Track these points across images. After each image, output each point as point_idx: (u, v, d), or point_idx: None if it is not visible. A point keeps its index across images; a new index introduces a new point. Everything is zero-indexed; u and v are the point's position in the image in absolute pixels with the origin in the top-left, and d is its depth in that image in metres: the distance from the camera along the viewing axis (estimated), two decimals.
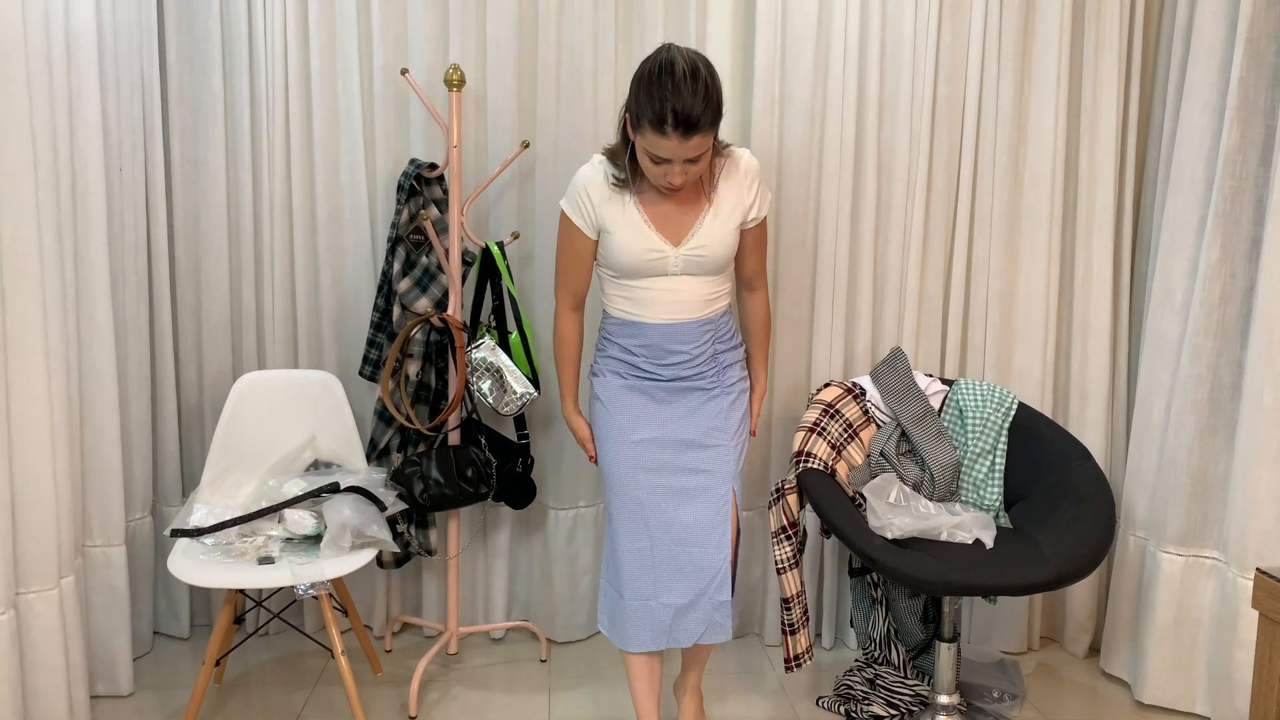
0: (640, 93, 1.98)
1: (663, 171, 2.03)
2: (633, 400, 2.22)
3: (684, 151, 1.98)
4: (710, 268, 2.16)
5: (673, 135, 1.95)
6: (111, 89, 2.54)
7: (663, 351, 2.19)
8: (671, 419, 2.21)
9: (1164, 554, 2.58)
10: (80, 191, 2.42)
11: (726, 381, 2.24)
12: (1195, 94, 2.53)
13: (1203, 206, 2.53)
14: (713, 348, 2.22)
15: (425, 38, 2.73)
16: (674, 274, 2.15)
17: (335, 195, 2.79)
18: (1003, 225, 2.81)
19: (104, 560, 2.54)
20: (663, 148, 1.98)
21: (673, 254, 2.13)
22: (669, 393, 2.22)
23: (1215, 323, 2.48)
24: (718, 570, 2.19)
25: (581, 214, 2.16)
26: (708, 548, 2.18)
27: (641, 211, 2.13)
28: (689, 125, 1.94)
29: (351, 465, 2.62)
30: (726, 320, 2.25)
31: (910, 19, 2.74)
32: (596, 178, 2.15)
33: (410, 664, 2.79)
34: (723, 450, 2.21)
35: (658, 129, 1.96)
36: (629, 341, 2.21)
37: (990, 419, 2.54)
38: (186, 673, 2.73)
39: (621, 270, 2.16)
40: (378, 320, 2.72)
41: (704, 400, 2.22)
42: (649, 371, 2.21)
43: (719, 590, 2.19)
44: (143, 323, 2.69)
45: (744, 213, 2.18)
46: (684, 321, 2.17)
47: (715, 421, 2.22)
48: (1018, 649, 2.92)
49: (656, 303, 2.16)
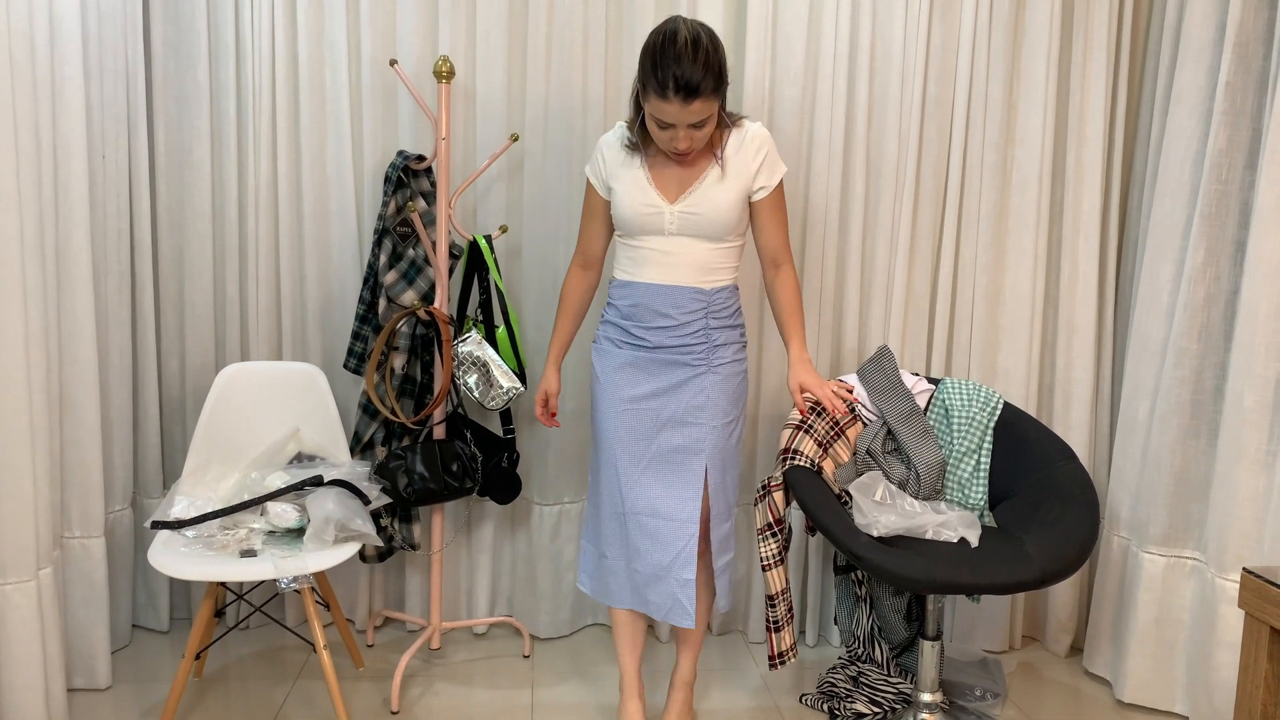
0: (646, 61, 2.09)
1: (669, 136, 2.11)
2: (622, 369, 2.27)
3: (686, 116, 2.06)
4: (706, 230, 2.19)
5: (674, 100, 2.04)
6: (95, 77, 2.51)
7: (651, 313, 2.22)
8: (656, 392, 2.24)
9: (1146, 554, 2.60)
10: (62, 180, 2.39)
11: (716, 361, 2.24)
12: (1183, 98, 2.54)
13: (1189, 209, 2.54)
14: (705, 321, 2.22)
15: (414, 29, 2.71)
16: (670, 233, 2.20)
17: (322, 186, 2.77)
18: (990, 225, 2.82)
19: (83, 552, 2.52)
20: (666, 113, 2.07)
21: (668, 210, 2.19)
22: (656, 364, 2.25)
23: (1199, 325, 2.50)
24: (683, 546, 2.21)
25: (596, 173, 2.30)
26: (675, 522, 2.22)
27: (647, 172, 2.22)
28: (690, 90, 2.03)
29: (335, 458, 2.60)
30: (726, 298, 2.26)
31: (900, 20, 2.74)
32: (614, 140, 2.28)
33: (393, 659, 2.77)
34: (702, 429, 2.23)
35: (661, 95, 2.05)
36: (623, 303, 2.27)
37: (976, 418, 2.55)
38: (166, 666, 2.71)
39: (623, 226, 2.25)
40: (363, 313, 2.71)
41: (690, 376, 2.24)
42: (637, 337, 2.25)
43: (683, 567, 2.21)
44: (124, 313, 2.67)
45: (749, 180, 2.21)
46: (676, 285, 2.21)
47: (698, 400, 2.23)
48: (1000, 648, 2.93)
49: (652, 263, 2.22)
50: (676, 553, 2.22)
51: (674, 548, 2.22)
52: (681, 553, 2.22)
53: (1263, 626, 1.41)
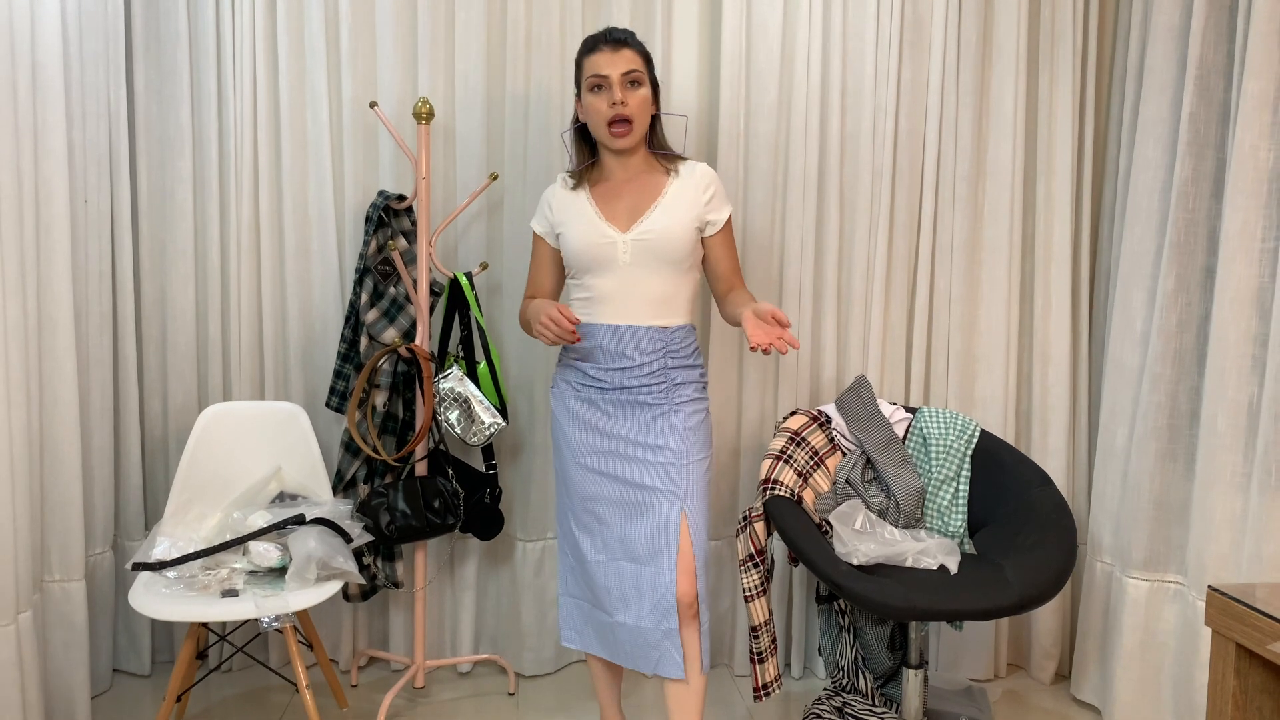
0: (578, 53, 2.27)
1: (605, 100, 2.17)
2: (581, 411, 2.25)
3: (617, 63, 2.17)
4: (662, 254, 2.19)
5: (604, 49, 2.19)
6: (78, 120, 2.53)
7: (610, 354, 2.21)
8: (617, 433, 2.21)
9: (1129, 579, 2.61)
10: (44, 222, 2.41)
11: (676, 399, 2.21)
12: (1149, 129, 2.60)
13: (1158, 238, 2.59)
14: (663, 361, 2.21)
15: (394, 71, 2.75)
16: (625, 263, 2.19)
17: (303, 227, 2.79)
18: (963, 257, 2.86)
19: (63, 596, 2.50)
20: (598, 65, 2.18)
21: (620, 240, 2.20)
22: (615, 405, 2.22)
23: (1173, 351, 2.53)
24: (663, 593, 2.13)
25: (542, 222, 2.34)
26: (652, 568, 2.14)
27: (593, 205, 2.25)
28: (617, 40, 2.19)
29: (317, 497, 2.60)
30: (684, 337, 2.25)
31: (871, 56, 2.80)
32: (555, 187, 2.34)
33: (376, 698, 2.75)
34: (670, 469, 2.17)
35: (590, 51, 2.21)
36: (580, 345, 2.25)
37: (953, 446, 2.57)
38: (147, 711, 2.68)
39: (576, 264, 2.25)
40: (345, 351, 2.72)
41: (652, 416, 2.20)
42: (596, 379, 2.23)
43: (665, 616, 2.13)
44: (105, 354, 2.67)
45: (700, 209, 2.23)
46: (633, 326, 2.20)
47: (663, 440, 2.18)
48: (985, 676, 2.93)
49: (607, 303, 2.21)
50: (655, 601, 2.13)
51: (653, 596, 2.14)
52: (660, 601, 2.13)
53: (1229, 643, 1.42)
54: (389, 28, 2.73)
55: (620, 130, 2.19)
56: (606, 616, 2.23)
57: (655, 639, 2.15)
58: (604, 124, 2.19)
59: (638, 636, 2.17)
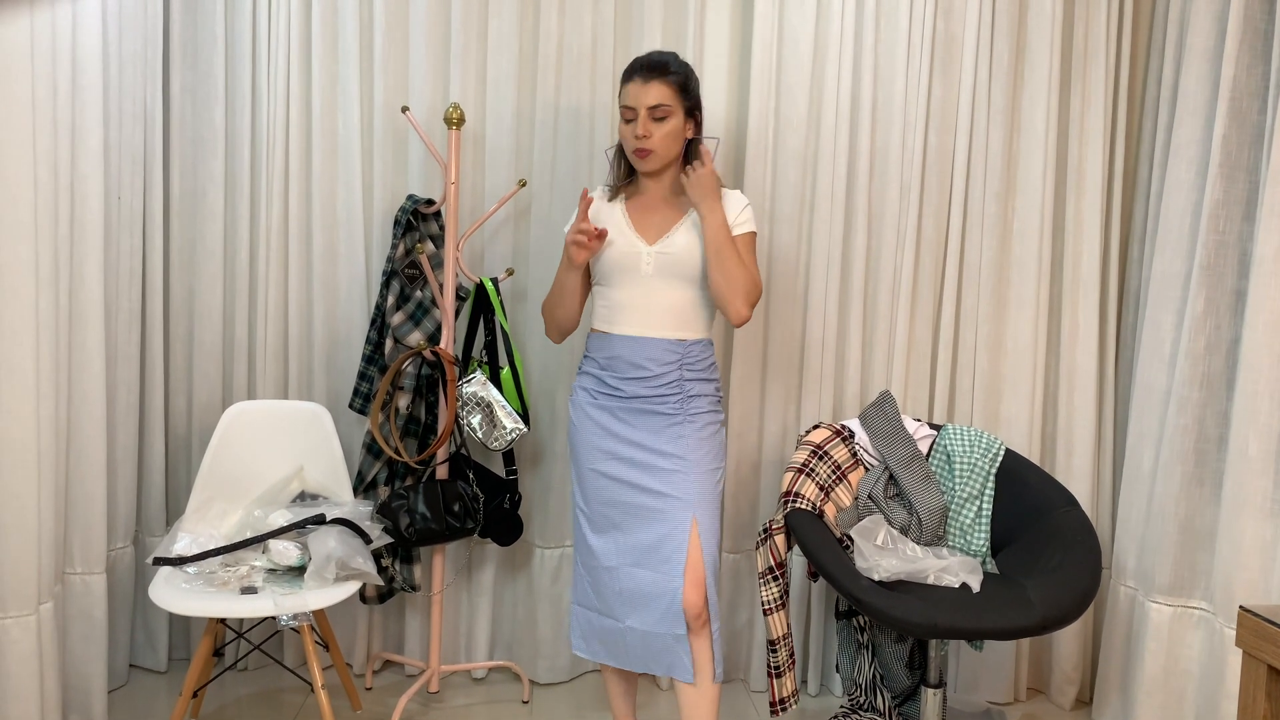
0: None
1: (631, 131, 2.24)
2: (598, 418, 2.28)
3: (645, 96, 2.21)
4: (680, 272, 2.24)
5: (635, 80, 2.23)
6: (114, 119, 2.57)
7: (627, 365, 2.25)
8: (632, 440, 2.24)
9: (1153, 604, 2.58)
10: (78, 218, 2.44)
11: (690, 410, 2.25)
12: (1181, 151, 2.58)
13: (1188, 260, 2.57)
14: (679, 373, 2.24)
15: (426, 77, 2.77)
16: (647, 274, 2.24)
17: (331, 229, 2.81)
18: (991, 275, 2.85)
19: (84, 588, 2.51)
20: (628, 95, 2.24)
21: (645, 251, 2.25)
22: (630, 413, 2.25)
23: (1201, 374, 2.51)
24: (671, 599, 2.16)
25: None
26: (661, 574, 2.17)
27: (627, 217, 2.31)
28: (650, 68, 2.23)
29: (338, 497, 2.61)
30: (701, 351, 2.28)
31: (901, 73, 2.80)
32: (595, 195, 2.38)
33: (390, 701, 2.75)
34: (682, 477, 2.20)
35: (627, 79, 2.25)
36: (599, 355, 2.30)
37: (978, 464, 2.55)
38: (162, 707, 2.69)
39: (603, 270, 2.30)
40: (369, 353, 2.73)
41: (666, 424, 2.24)
42: (613, 387, 2.27)
43: (675, 622, 2.16)
44: (133, 350, 2.70)
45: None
46: (651, 338, 2.24)
47: (677, 448, 2.22)
48: (1004, 699, 2.90)
49: (628, 314, 2.26)
50: (665, 607, 2.17)
51: (663, 601, 2.17)
52: (670, 607, 2.17)
53: (1260, 665, 1.40)
54: (422, 34, 2.76)
55: (643, 155, 2.26)
56: (616, 623, 2.24)
57: (666, 644, 2.19)
58: (631, 150, 2.28)
59: (649, 641, 2.20)
